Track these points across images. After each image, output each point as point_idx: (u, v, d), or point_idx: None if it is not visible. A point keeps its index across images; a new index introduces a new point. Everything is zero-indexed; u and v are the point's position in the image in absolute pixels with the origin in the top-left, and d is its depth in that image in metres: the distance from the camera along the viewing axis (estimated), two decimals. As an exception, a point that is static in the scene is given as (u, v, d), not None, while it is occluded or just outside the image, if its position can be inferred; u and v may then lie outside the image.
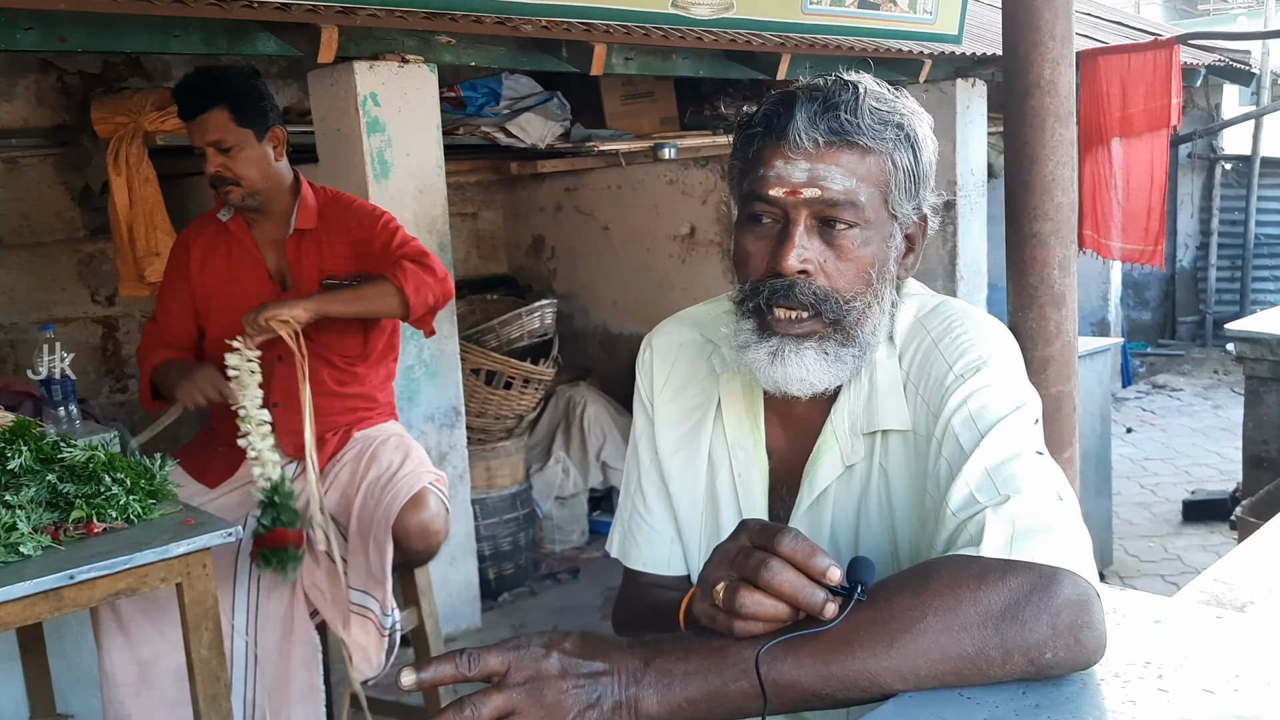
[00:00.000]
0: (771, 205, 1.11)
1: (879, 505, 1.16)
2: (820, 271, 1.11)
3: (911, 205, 1.16)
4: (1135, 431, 6.29)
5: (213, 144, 2.48)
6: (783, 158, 1.10)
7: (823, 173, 1.09)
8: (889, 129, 1.11)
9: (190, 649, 1.96)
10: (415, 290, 2.50)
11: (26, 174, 4.32)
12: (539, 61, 3.78)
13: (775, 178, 1.10)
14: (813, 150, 1.09)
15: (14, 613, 1.71)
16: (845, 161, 1.10)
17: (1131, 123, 5.28)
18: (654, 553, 1.29)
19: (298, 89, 4.78)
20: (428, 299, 2.54)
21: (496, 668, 0.88)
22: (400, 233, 2.63)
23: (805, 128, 1.09)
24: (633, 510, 1.32)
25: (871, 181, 1.11)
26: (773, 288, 1.11)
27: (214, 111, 2.46)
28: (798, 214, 1.10)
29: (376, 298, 2.51)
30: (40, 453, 2.00)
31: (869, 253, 1.12)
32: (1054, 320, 2.24)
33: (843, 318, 1.11)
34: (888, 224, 1.14)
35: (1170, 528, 4.67)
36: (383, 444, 2.63)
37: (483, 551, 4.14)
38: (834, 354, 1.12)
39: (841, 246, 1.11)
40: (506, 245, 6.43)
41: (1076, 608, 0.91)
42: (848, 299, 1.11)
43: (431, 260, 2.57)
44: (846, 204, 1.09)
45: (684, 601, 1.09)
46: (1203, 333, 8.50)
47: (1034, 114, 2.29)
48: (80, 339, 4.50)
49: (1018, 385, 1.12)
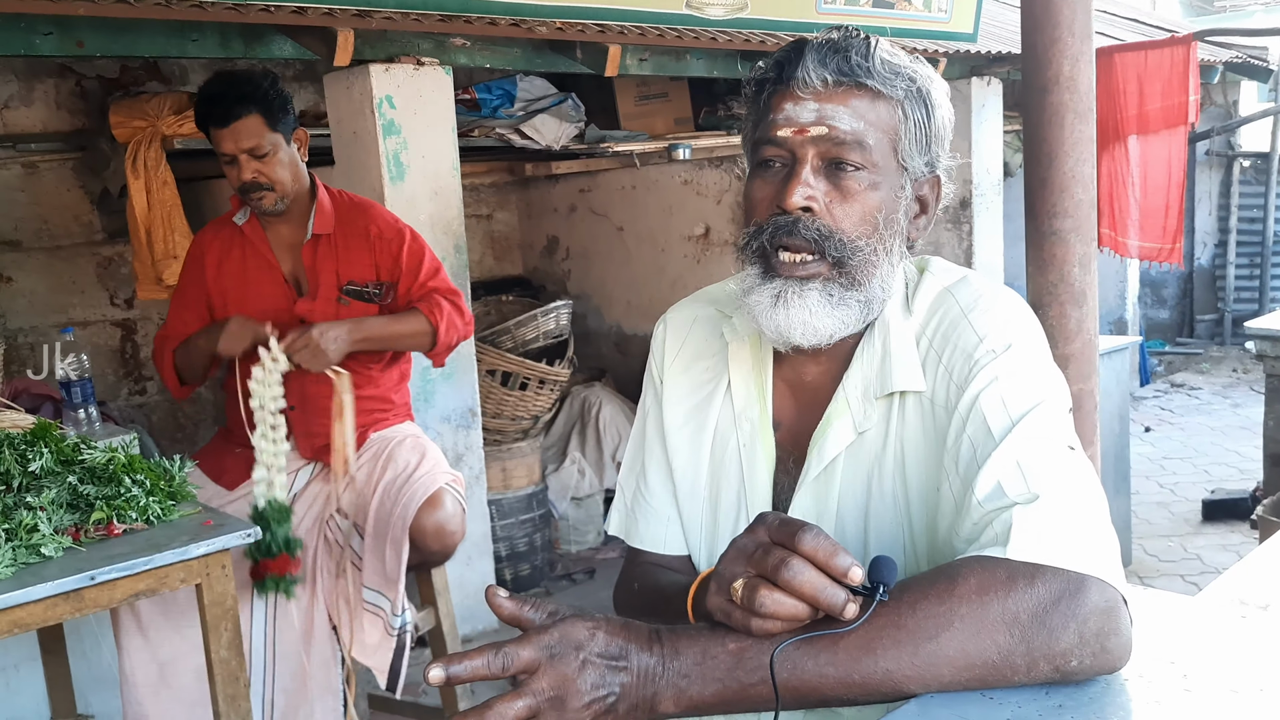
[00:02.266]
0: (780, 148, 1.11)
1: (893, 474, 1.13)
2: (826, 212, 1.09)
3: (923, 160, 1.14)
4: (1154, 430, 6.25)
5: (248, 150, 2.45)
6: (792, 99, 1.10)
7: (830, 112, 1.08)
8: (901, 79, 1.10)
9: (209, 649, 1.96)
10: (446, 330, 2.56)
11: (46, 178, 4.36)
12: (553, 63, 3.78)
13: (784, 119, 1.10)
14: (822, 90, 1.09)
15: (35, 613, 1.72)
16: (854, 104, 1.09)
17: (1148, 120, 5.25)
18: (655, 531, 1.27)
19: (313, 92, 4.80)
20: (453, 339, 2.60)
21: (528, 666, 0.87)
22: (429, 257, 2.65)
23: (814, 67, 1.08)
24: (635, 489, 1.30)
25: (881, 127, 1.10)
26: (776, 224, 1.10)
27: (248, 118, 2.43)
28: (805, 153, 1.09)
29: (410, 336, 2.57)
30: (61, 454, 2.01)
31: (876, 198, 1.10)
32: (1074, 318, 2.22)
33: (846, 259, 1.10)
34: (897, 174, 1.12)
35: (1190, 527, 4.64)
36: (399, 445, 2.63)
37: (499, 552, 4.15)
38: (838, 297, 1.10)
39: (848, 188, 1.09)
40: (521, 246, 6.44)
41: (1104, 615, 0.90)
42: (853, 240, 1.10)
43: (462, 300, 2.63)
44: (854, 144, 1.08)
45: (692, 589, 1.07)
46: (1221, 331, 8.44)
47: (1053, 110, 2.27)
48: (99, 341, 4.53)
49: (1051, 371, 1.09)
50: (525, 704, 0.86)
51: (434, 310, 2.53)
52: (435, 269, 2.64)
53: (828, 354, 1.16)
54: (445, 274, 2.66)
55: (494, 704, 0.86)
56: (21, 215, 4.31)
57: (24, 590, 1.68)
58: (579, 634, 0.89)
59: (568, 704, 0.87)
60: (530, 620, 0.91)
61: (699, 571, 1.19)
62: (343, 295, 2.59)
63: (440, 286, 2.61)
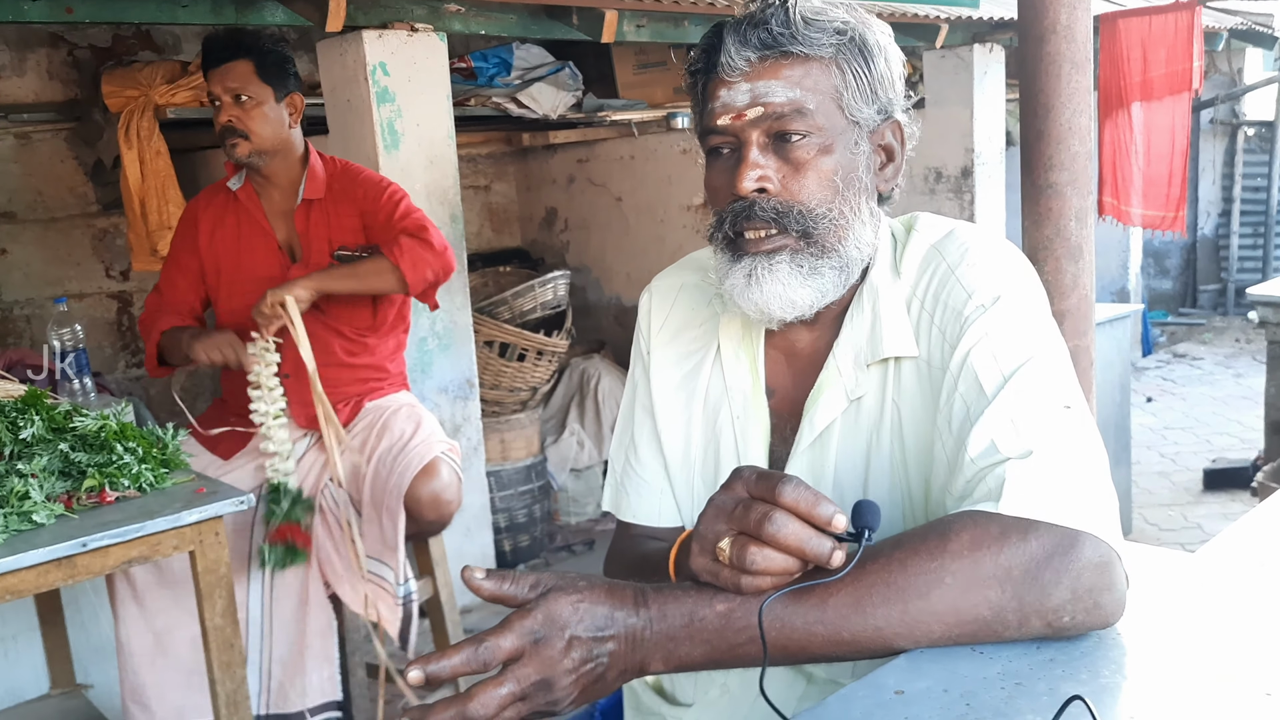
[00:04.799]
0: (724, 135, 1.10)
1: (890, 439, 1.11)
2: (782, 188, 1.08)
3: (873, 109, 1.11)
4: (1155, 401, 6.23)
5: (230, 91, 2.49)
6: (724, 86, 1.09)
7: (762, 89, 1.07)
8: (828, 35, 1.08)
9: (204, 617, 1.96)
10: (412, 266, 2.47)
11: (39, 149, 4.33)
12: (549, 29, 3.74)
13: (721, 107, 1.09)
14: (749, 70, 1.07)
15: (28, 580, 1.72)
16: (785, 74, 1.07)
17: (1152, 87, 5.20)
18: (646, 505, 1.26)
19: (308, 61, 4.75)
20: (425, 274, 2.50)
21: (511, 655, 0.85)
22: (403, 204, 2.59)
23: (736, 49, 1.07)
24: (625, 463, 1.28)
25: (818, 90, 1.08)
26: (734, 211, 1.10)
27: (238, 62, 2.49)
28: (748, 135, 1.08)
29: (373, 274, 2.49)
30: (52, 422, 2.00)
31: (830, 161, 1.08)
32: (1070, 273, 2.18)
33: (811, 229, 1.08)
34: (848, 130, 1.10)
35: (1191, 496, 4.63)
36: (394, 414, 2.62)
37: (498, 523, 4.15)
38: (809, 266, 1.09)
39: (798, 159, 1.08)
40: (519, 218, 6.41)
41: (1097, 570, 0.89)
42: (813, 209, 1.08)
43: (430, 234, 2.53)
44: (793, 114, 1.06)
45: (673, 551, 1.06)
46: (1224, 301, 8.42)
47: (1049, 60, 2.21)
48: (95, 314, 4.52)
49: (1043, 324, 1.07)
50: (509, 690, 0.84)
51: (394, 249, 2.47)
52: (406, 211, 2.57)
53: (818, 321, 1.15)
54: (418, 214, 2.58)
55: (476, 693, 0.84)
56: (15, 187, 4.29)
57: (16, 556, 1.67)
58: (563, 613, 0.87)
59: (555, 685, 0.86)
60: (513, 597, 0.89)
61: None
62: (334, 260, 2.58)
63: (407, 225, 2.53)
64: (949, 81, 5.03)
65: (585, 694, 0.89)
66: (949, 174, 5.03)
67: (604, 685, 0.89)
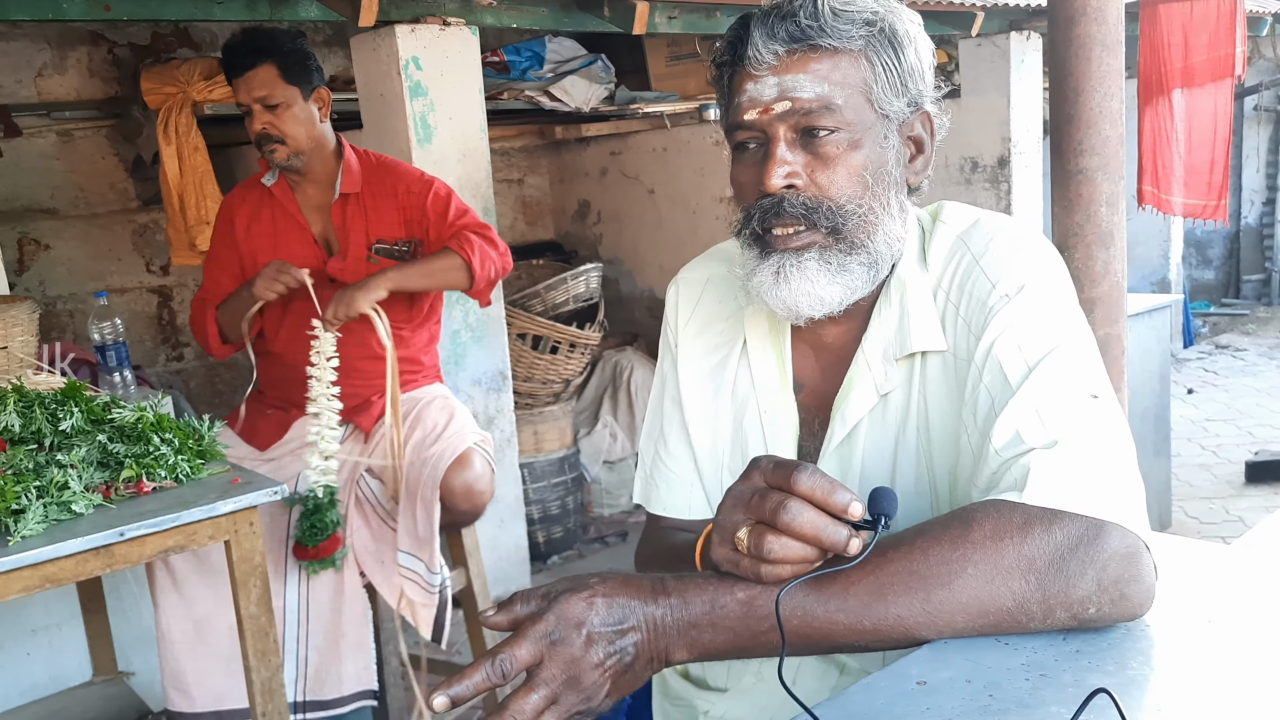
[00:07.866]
0: (751, 130, 1.08)
1: (917, 434, 1.10)
2: (810, 183, 1.06)
3: (903, 101, 1.09)
4: (1196, 392, 6.13)
5: (259, 100, 2.49)
6: (751, 79, 1.07)
7: (790, 83, 1.05)
8: (857, 27, 1.06)
9: (239, 606, 1.99)
10: (481, 263, 2.54)
11: (81, 146, 4.40)
12: (581, 21, 3.74)
13: (748, 101, 1.07)
14: (777, 63, 1.05)
15: (67, 569, 1.75)
16: (814, 68, 1.05)
17: (1193, 73, 5.10)
18: (675, 497, 1.25)
19: (343, 56, 4.79)
20: (490, 272, 2.57)
21: (531, 662, 0.85)
22: (456, 201, 2.64)
23: (764, 42, 1.05)
24: (654, 455, 1.28)
25: (848, 83, 1.06)
26: (762, 208, 1.08)
27: (261, 68, 2.48)
28: (776, 130, 1.06)
29: (446, 271, 2.54)
30: (91, 414, 2.04)
31: (860, 156, 1.07)
32: (1101, 260, 2.14)
33: (841, 225, 1.07)
34: (878, 124, 1.08)
35: (1232, 489, 4.56)
36: (428, 405, 2.64)
37: (531, 515, 4.17)
38: (838, 263, 1.07)
39: (827, 154, 1.06)
40: (553, 211, 6.42)
41: (1124, 561, 0.88)
42: (842, 205, 1.07)
43: (493, 232, 2.61)
44: (822, 109, 1.05)
45: (699, 542, 1.06)
46: (1268, 291, 8.26)
47: (1080, 42, 2.17)
48: (136, 308, 4.59)
49: (1069, 313, 1.05)
50: (540, 695, 0.84)
51: (464, 245, 2.52)
52: (463, 210, 2.63)
53: (847, 314, 1.13)
54: (474, 214, 2.65)
55: (509, 704, 0.84)
56: (58, 183, 4.36)
57: (55, 545, 1.71)
58: (576, 611, 0.87)
59: (583, 680, 0.86)
60: (522, 616, 0.88)
61: None
62: (372, 254, 2.61)
63: (469, 224, 2.60)
64: (985, 70, 4.98)
65: (617, 686, 0.89)
66: (985, 164, 4.98)
67: (634, 676, 0.90)
